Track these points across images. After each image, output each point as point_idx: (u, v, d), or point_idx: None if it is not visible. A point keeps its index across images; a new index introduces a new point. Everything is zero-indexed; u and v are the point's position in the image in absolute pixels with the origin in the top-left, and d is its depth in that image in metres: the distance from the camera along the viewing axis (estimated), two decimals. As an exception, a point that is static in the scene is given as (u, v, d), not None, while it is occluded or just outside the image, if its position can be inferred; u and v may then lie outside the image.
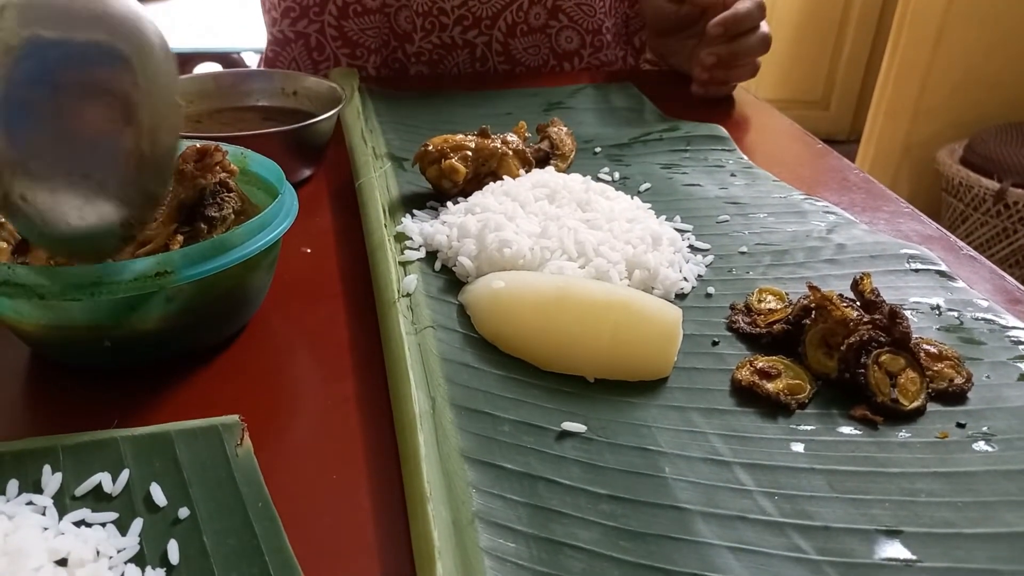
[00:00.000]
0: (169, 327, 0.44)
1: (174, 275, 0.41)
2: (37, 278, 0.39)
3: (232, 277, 0.45)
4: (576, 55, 1.02)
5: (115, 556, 0.33)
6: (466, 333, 0.48)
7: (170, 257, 0.41)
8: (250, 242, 0.44)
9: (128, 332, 0.43)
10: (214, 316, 0.46)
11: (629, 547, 0.35)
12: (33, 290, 0.39)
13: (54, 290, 0.39)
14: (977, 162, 2.15)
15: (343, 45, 0.98)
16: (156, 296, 0.42)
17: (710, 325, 0.50)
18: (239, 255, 0.43)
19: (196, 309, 0.44)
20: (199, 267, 0.41)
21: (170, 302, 0.43)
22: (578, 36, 1.01)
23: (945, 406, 0.43)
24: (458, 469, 0.38)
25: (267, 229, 0.45)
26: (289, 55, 1.00)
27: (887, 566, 0.34)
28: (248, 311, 0.50)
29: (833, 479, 0.39)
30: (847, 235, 0.59)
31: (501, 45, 0.99)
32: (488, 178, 0.62)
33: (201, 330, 0.46)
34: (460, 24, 0.96)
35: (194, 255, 0.42)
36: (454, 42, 0.98)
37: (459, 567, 0.33)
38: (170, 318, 0.43)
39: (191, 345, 0.47)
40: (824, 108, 3.12)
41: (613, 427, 0.42)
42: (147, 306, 0.42)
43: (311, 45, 0.98)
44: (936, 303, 0.51)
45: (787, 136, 0.86)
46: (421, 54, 0.98)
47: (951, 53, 2.29)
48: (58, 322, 0.42)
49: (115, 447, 0.39)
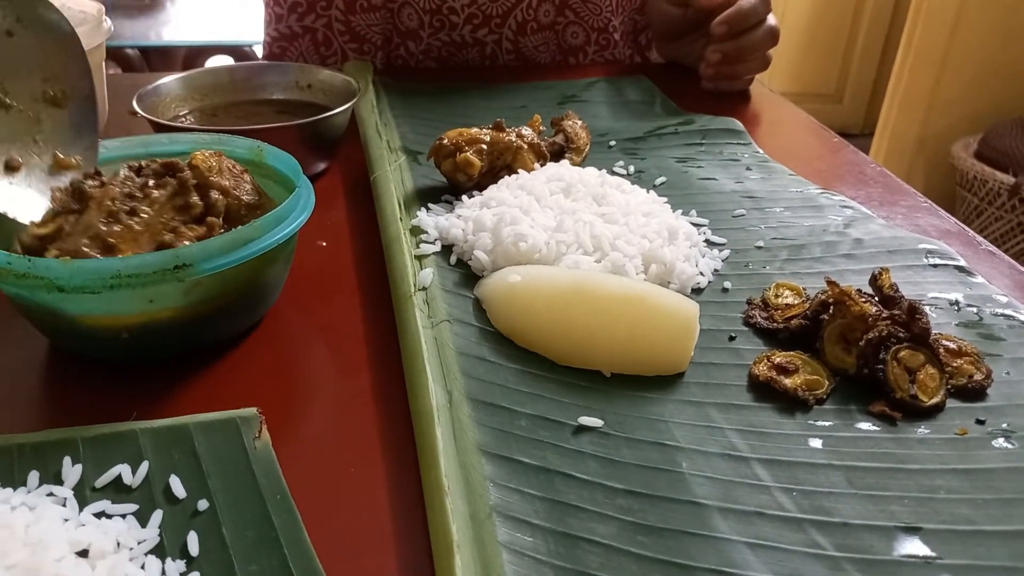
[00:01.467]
0: (187, 320, 0.44)
1: (193, 268, 0.41)
2: (57, 271, 0.39)
3: (249, 270, 0.45)
4: (581, 51, 1.02)
5: (135, 548, 0.33)
6: (482, 327, 0.48)
7: (189, 251, 0.41)
8: (267, 236, 0.44)
9: (146, 325, 0.43)
10: (232, 309, 0.46)
11: (646, 542, 0.35)
12: (53, 283, 0.39)
13: (73, 283, 0.39)
14: (992, 156, 2.14)
15: (351, 40, 0.98)
16: (174, 289, 0.42)
17: (727, 320, 0.50)
18: (256, 248, 0.43)
19: (214, 302, 0.44)
20: (217, 260, 0.42)
21: (188, 295, 0.43)
22: (584, 32, 1.00)
23: (964, 402, 0.43)
24: (475, 463, 0.38)
25: (284, 223, 0.45)
26: (296, 50, 0.99)
27: (906, 563, 0.34)
28: (265, 304, 0.50)
29: (852, 475, 0.38)
30: (864, 230, 0.59)
31: (511, 43, 0.99)
32: (503, 172, 0.62)
33: (219, 323, 0.47)
34: (470, 23, 0.96)
35: (212, 249, 0.42)
36: (464, 40, 0.97)
37: (477, 560, 0.33)
38: (187, 311, 0.43)
39: (209, 338, 0.47)
40: (837, 101, 3.11)
41: (630, 422, 0.42)
42: (165, 299, 0.42)
43: (318, 40, 0.98)
44: (955, 298, 0.51)
45: (803, 130, 0.86)
46: (430, 51, 0.98)
47: (967, 45, 2.27)
48: (79, 313, 0.42)
49: (134, 439, 0.39)
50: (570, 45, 1.01)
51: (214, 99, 0.73)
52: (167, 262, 0.40)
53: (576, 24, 1.00)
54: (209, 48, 2.25)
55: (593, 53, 1.03)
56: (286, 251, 0.49)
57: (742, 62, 0.87)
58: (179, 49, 2.29)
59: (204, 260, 0.41)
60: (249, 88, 0.75)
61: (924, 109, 2.38)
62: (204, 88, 0.73)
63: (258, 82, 0.75)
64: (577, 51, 1.02)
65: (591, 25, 1.00)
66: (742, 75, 0.90)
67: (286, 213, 0.45)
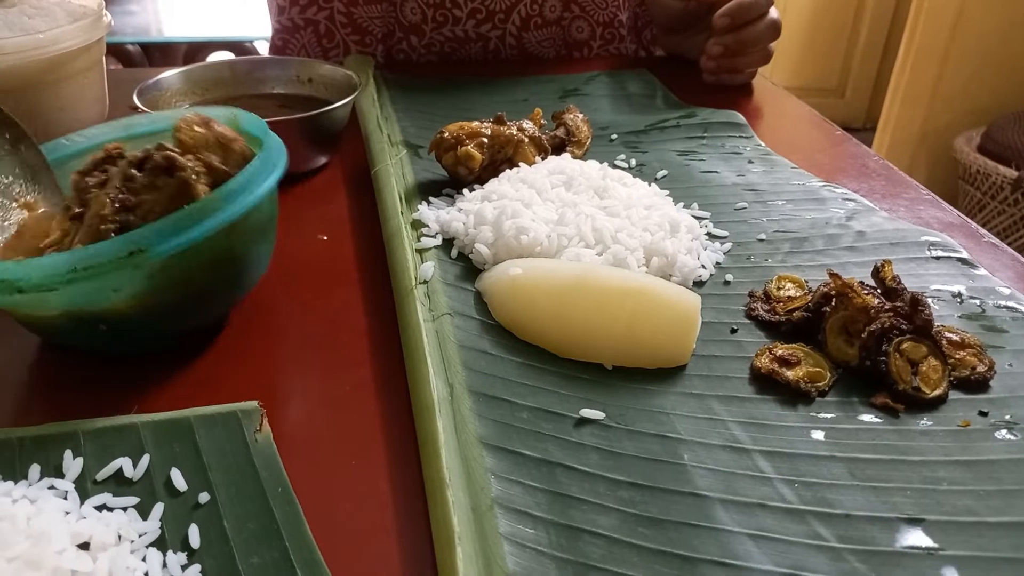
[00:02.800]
0: (160, 304, 0.42)
1: (148, 252, 0.39)
2: (14, 272, 0.38)
3: (218, 247, 0.42)
4: (586, 45, 1.02)
5: (137, 540, 0.33)
6: (483, 320, 0.48)
7: (142, 234, 0.39)
8: (228, 207, 0.41)
9: (123, 314, 0.42)
10: (209, 290, 0.45)
11: (648, 533, 0.35)
12: (12, 284, 0.38)
13: (31, 283, 0.38)
14: (995, 150, 2.13)
15: (353, 32, 0.97)
16: (135, 275, 0.40)
17: (728, 313, 0.50)
18: (215, 223, 0.41)
19: (185, 284, 0.42)
20: (173, 240, 0.40)
21: (152, 279, 0.41)
22: (589, 27, 1.00)
23: (967, 394, 0.43)
24: (476, 455, 0.38)
25: (246, 191, 0.42)
26: (299, 42, 0.99)
27: (909, 554, 0.34)
28: (246, 282, 0.48)
29: (854, 467, 0.38)
30: (867, 222, 0.59)
31: (515, 39, 0.98)
32: (504, 165, 0.62)
33: (199, 305, 0.45)
34: (473, 18, 0.96)
35: (166, 228, 0.40)
36: (467, 35, 0.97)
37: (479, 552, 0.33)
38: (157, 294, 0.42)
39: (194, 322, 0.46)
40: (839, 96, 3.10)
41: (631, 414, 0.42)
42: (129, 286, 0.41)
43: (320, 32, 0.98)
44: (958, 291, 0.51)
45: (805, 122, 0.86)
46: (432, 46, 0.98)
47: (969, 39, 2.26)
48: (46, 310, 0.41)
49: (135, 432, 0.39)
50: (575, 40, 1.01)
51: (215, 93, 0.73)
52: (121, 249, 0.39)
53: (582, 19, 0.99)
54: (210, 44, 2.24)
55: (598, 48, 1.02)
56: (258, 222, 0.46)
57: (743, 55, 0.87)
58: (180, 45, 2.29)
59: (160, 242, 0.39)
60: (250, 82, 0.75)
61: (926, 103, 2.37)
62: (205, 82, 0.73)
63: (259, 76, 0.75)
64: (582, 45, 1.02)
65: (597, 19, 1.00)
66: (743, 68, 0.90)
67: (247, 180, 0.42)
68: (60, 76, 0.64)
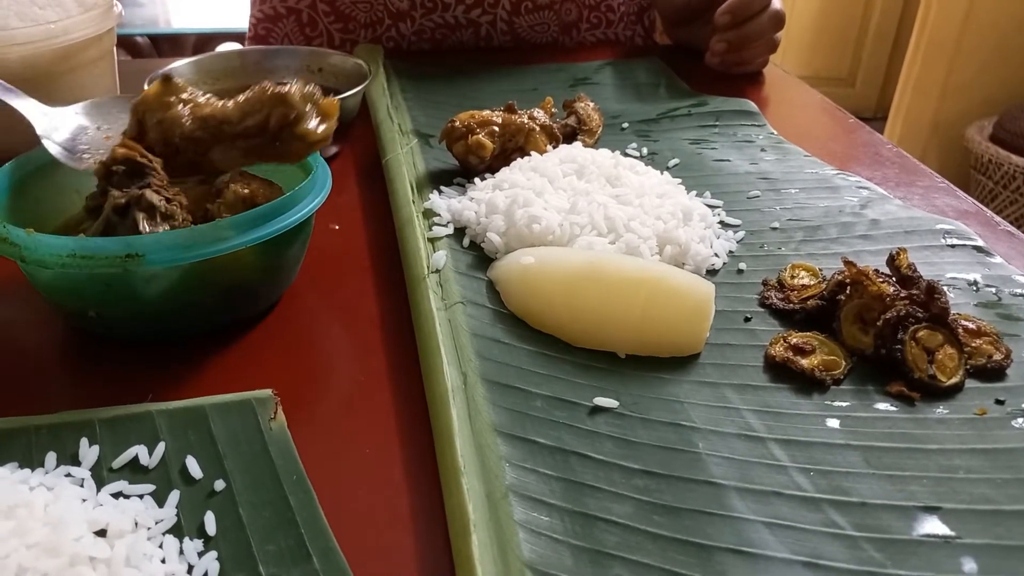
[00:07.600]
0: (156, 308, 0.44)
1: (142, 259, 0.39)
2: (26, 241, 0.40)
3: (227, 268, 0.43)
4: (575, 27, 1.01)
5: (153, 527, 0.33)
6: (496, 309, 0.48)
7: (141, 240, 0.40)
8: (238, 235, 0.41)
9: (111, 307, 0.43)
10: (221, 301, 0.46)
11: (663, 521, 0.35)
12: (20, 251, 0.40)
13: (34, 256, 0.40)
14: (1007, 139, 2.12)
15: (336, 20, 0.96)
16: (130, 277, 0.41)
17: (742, 301, 0.50)
18: (216, 249, 0.41)
19: (181, 299, 0.44)
20: (171, 254, 0.40)
21: (148, 284, 0.42)
22: (577, 9, 0.99)
23: (983, 383, 0.43)
24: (491, 443, 0.38)
25: (263, 222, 0.43)
26: (280, 31, 0.98)
27: (926, 542, 0.34)
28: (260, 297, 0.48)
29: (870, 455, 0.38)
30: (881, 210, 0.58)
31: (506, 24, 0.98)
32: (515, 154, 0.62)
33: (209, 313, 0.46)
34: (463, 3, 0.95)
35: (168, 241, 0.40)
36: (457, 21, 0.96)
37: (494, 540, 0.33)
38: (154, 299, 0.43)
39: (203, 325, 0.46)
40: (850, 85, 3.07)
41: (645, 402, 0.41)
42: (121, 286, 0.42)
43: (303, 20, 0.97)
44: (973, 279, 0.51)
45: (818, 111, 0.85)
46: (423, 32, 0.97)
47: (981, 28, 2.24)
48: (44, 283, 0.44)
49: (151, 421, 0.39)
50: (566, 23, 1.00)
51: (225, 83, 0.73)
52: (119, 249, 0.39)
53: (571, 1, 0.99)
54: (219, 35, 2.24)
55: (585, 31, 1.01)
56: (269, 251, 0.46)
57: (748, 49, 0.87)
58: (188, 36, 2.28)
59: (157, 252, 0.40)
60: (260, 72, 0.74)
61: (938, 93, 2.35)
62: (215, 72, 0.73)
63: (269, 66, 0.75)
64: (570, 28, 1.01)
65: (585, 2, 0.99)
66: (750, 60, 0.89)
67: (267, 211, 0.43)
68: (71, 66, 0.64)
